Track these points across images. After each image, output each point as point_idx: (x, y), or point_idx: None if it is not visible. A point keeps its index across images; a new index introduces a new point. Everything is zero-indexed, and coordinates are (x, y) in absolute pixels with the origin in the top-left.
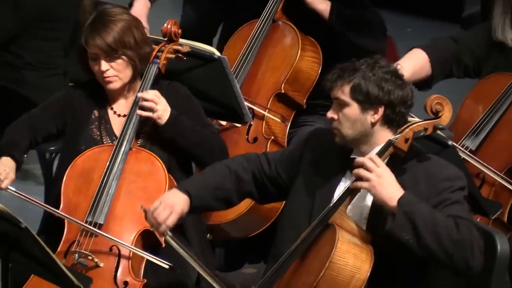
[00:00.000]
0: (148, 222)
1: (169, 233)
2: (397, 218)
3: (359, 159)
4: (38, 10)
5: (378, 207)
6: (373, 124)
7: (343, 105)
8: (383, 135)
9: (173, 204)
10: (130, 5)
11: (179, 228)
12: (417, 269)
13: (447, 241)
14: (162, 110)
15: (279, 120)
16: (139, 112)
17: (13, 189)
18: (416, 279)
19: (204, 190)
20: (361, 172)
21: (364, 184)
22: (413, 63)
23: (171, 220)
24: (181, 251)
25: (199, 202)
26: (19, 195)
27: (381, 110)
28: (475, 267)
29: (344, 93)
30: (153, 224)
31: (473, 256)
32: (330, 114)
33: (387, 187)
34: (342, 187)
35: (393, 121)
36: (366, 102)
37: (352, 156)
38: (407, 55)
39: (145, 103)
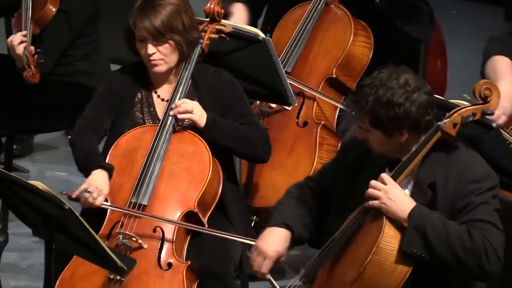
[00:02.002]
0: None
1: (268, 275)
2: (407, 232)
3: (371, 182)
4: (88, 15)
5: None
6: (402, 141)
7: (367, 131)
8: (419, 141)
9: (265, 248)
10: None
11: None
12: None
13: (460, 250)
14: (198, 116)
15: (331, 101)
16: (181, 116)
17: (108, 204)
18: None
19: (299, 218)
20: (370, 191)
21: (374, 202)
22: (509, 72)
23: (265, 267)
24: None
25: (299, 233)
26: (114, 208)
27: (406, 131)
28: (492, 271)
29: (364, 123)
30: (254, 272)
31: (488, 261)
32: (360, 136)
33: (396, 201)
34: None
35: (423, 129)
36: (388, 129)
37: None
38: (498, 69)
39: (181, 116)
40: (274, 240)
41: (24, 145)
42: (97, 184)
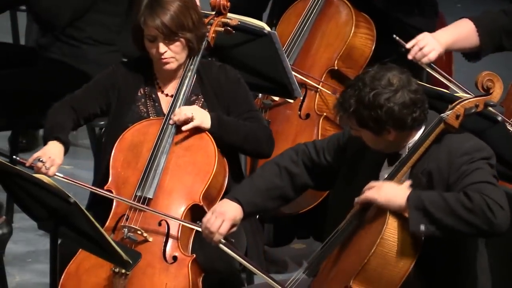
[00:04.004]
0: (202, 234)
1: (223, 241)
2: (410, 214)
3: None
4: None
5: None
6: (392, 140)
7: (358, 131)
8: (412, 135)
9: (224, 211)
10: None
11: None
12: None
13: (463, 212)
14: (200, 120)
15: (331, 93)
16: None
17: (61, 175)
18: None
19: (255, 195)
20: (365, 192)
21: (369, 195)
22: (457, 31)
23: (224, 228)
24: (236, 257)
25: (252, 207)
26: (67, 181)
27: (392, 130)
28: (501, 223)
29: (353, 124)
30: (206, 235)
31: (494, 214)
32: (354, 134)
33: (389, 193)
34: (385, 173)
35: (413, 126)
36: (374, 129)
37: None
38: (452, 24)
39: (184, 127)
40: (230, 208)
41: (29, 138)
42: (51, 154)
